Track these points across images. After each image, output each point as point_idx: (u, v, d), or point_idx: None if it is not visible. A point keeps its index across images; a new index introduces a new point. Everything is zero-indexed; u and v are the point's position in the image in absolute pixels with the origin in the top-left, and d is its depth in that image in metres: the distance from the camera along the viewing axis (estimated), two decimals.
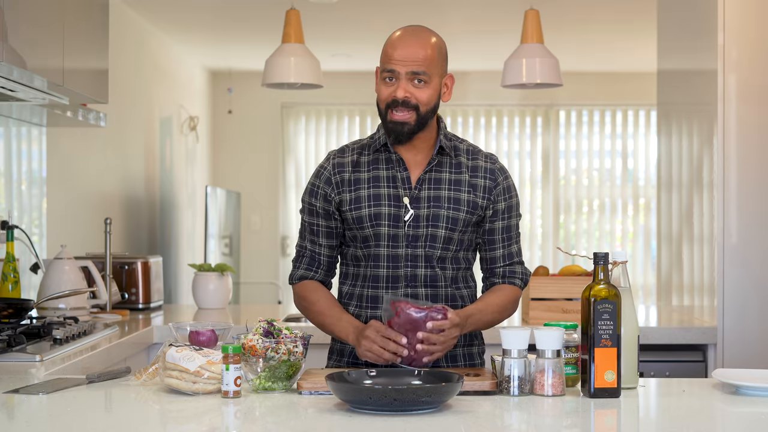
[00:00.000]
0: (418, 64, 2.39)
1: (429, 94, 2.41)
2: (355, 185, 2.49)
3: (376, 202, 2.47)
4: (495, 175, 2.51)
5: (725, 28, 3.59)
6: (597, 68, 7.68)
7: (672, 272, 4.25)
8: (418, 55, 2.39)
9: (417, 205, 2.46)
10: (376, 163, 2.50)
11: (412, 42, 2.41)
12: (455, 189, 2.48)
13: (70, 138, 4.55)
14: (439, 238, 2.46)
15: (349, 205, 2.48)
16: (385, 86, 2.43)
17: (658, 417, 2.15)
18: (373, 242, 2.48)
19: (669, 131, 4.32)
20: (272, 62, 4.57)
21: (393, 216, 2.46)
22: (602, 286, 2.18)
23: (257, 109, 8.05)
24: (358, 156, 2.52)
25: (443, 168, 2.50)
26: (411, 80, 2.40)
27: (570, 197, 8.09)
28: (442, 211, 2.46)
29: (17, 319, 3.08)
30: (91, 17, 3.57)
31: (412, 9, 5.75)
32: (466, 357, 2.56)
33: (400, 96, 2.40)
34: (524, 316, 3.90)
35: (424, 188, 2.47)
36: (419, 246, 2.46)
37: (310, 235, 2.56)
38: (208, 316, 4.04)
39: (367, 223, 2.47)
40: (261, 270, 8.05)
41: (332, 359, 2.60)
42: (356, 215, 2.48)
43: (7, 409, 2.08)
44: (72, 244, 4.18)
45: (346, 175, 2.50)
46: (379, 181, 2.48)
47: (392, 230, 2.46)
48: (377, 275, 2.49)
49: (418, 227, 2.46)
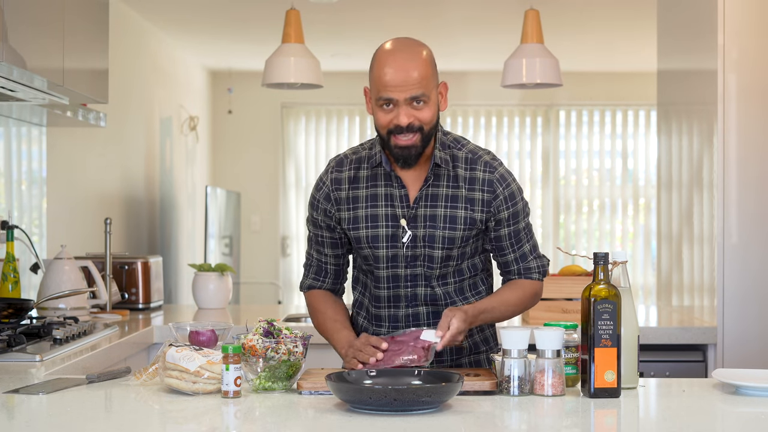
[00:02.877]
0: (416, 88, 2.30)
1: (430, 113, 2.34)
2: (353, 203, 2.46)
3: (373, 223, 2.44)
4: (493, 186, 2.43)
5: (725, 28, 3.59)
6: (597, 68, 7.68)
7: (672, 272, 4.25)
8: (413, 78, 2.29)
9: (414, 224, 2.43)
10: (374, 179, 2.45)
11: (404, 64, 2.30)
12: (451, 206, 2.42)
13: (70, 138, 4.55)
14: (436, 258, 2.44)
15: (348, 224, 2.47)
16: (383, 113, 2.33)
17: (658, 417, 2.15)
18: (373, 263, 2.47)
19: (669, 131, 4.32)
20: (272, 62, 4.57)
21: (391, 237, 2.43)
22: (602, 286, 2.18)
23: (257, 109, 8.05)
24: (356, 171, 2.47)
25: (440, 182, 2.43)
26: (410, 104, 2.32)
27: (570, 197, 8.09)
28: (437, 232, 2.42)
29: (17, 319, 3.08)
30: (91, 17, 3.57)
31: (412, 9, 5.75)
32: (472, 365, 2.56)
33: (404, 123, 2.31)
34: (524, 316, 3.90)
35: (420, 206, 2.43)
36: (418, 265, 2.45)
37: (316, 245, 2.56)
38: (208, 316, 4.04)
39: (365, 244, 2.45)
40: (261, 270, 8.05)
41: None
42: (354, 235, 2.46)
43: (7, 409, 2.08)
44: (72, 244, 4.18)
45: (343, 193, 2.47)
46: (377, 199, 2.45)
47: (390, 251, 2.44)
48: (379, 296, 2.50)
49: (415, 247, 2.43)
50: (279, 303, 7.74)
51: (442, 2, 5.63)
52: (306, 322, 4.10)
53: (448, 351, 2.51)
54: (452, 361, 2.53)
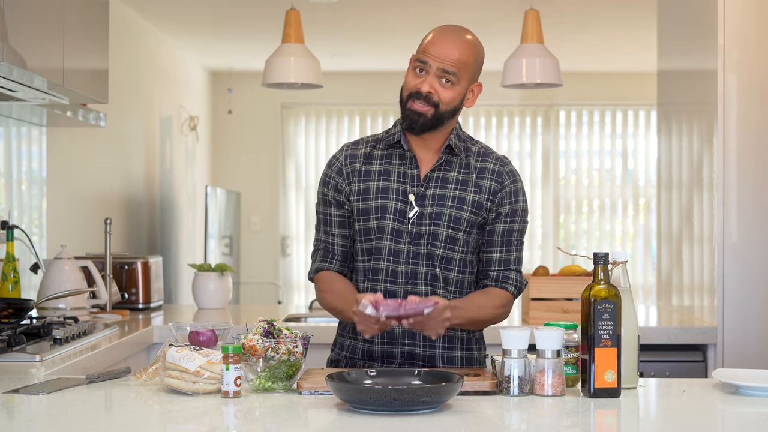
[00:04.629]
0: (451, 64, 2.40)
1: (452, 95, 2.43)
2: (365, 176, 2.50)
3: (383, 195, 2.48)
4: (502, 177, 2.50)
5: (725, 28, 3.59)
6: (597, 68, 7.68)
7: (672, 272, 4.25)
8: (453, 54, 2.40)
9: (422, 202, 2.46)
10: (389, 158, 2.51)
11: (451, 41, 2.42)
12: (461, 189, 2.48)
13: (70, 138, 4.55)
14: (441, 236, 2.46)
15: (357, 196, 2.49)
16: (413, 76, 2.44)
17: (658, 417, 2.15)
18: (376, 235, 2.48)
19: (669, 131, 4.32)
20: (272, 62, 4.57)
21: (399, 210, 2.46)
22: (602, 286, 2.18)
23: (257, 109, 8.05)
24: (371, 149, 2.54)
25: (452, 168, 2.49)
26: (439, 77, 2.41)
27: (570, 197, 8.09)
28: (445, 210, 2.46)
29: (17, 319, 3.08)
30: (91, 17, 3.57)
31: (413, 9, 5.75)
32: (463, 361, 2.55)
33: (424, 90, 2.41)
34: (524, 316, 3.90)
35: (430, 186, 2.47)
36: (421, 243, 2.46)
37: (324, 226, 2.57)
38: (208, 316, 4.04)
39: (373, 215, 2.47)
40: (261, 270, 8.05)
41: (334, 351, 2.61)
42: (363, 206, 2.49)
43: (7, 409, 2.08)
44: (72, 244, 4.18)
45: (357, 165, 2.52)
46: (389, 175, 2.49)
47: (396, 225, 2.46)
48: (377, 268, 2.48)
49: (421, 225, 2.45)
50: (279, 303, 7.74)
51: (442, 2, 5.63)
52: (306, 322, 4.10)
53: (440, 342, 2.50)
54: (444, 355, 2.52)
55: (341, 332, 2.61)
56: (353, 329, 2.54)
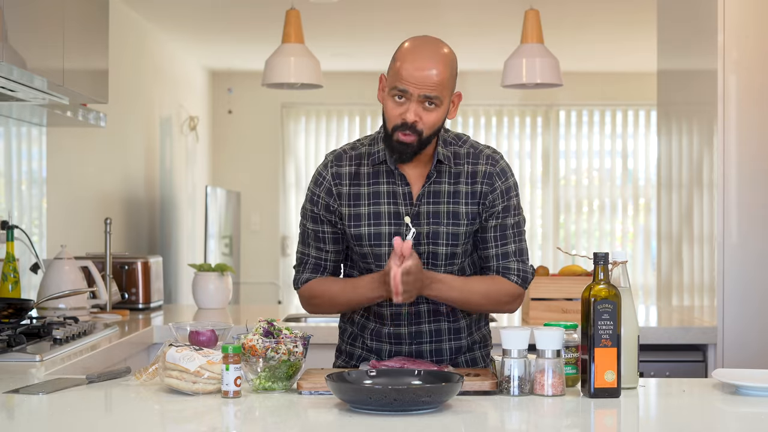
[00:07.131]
0: (432, 89, 2.31)
1: (437, 117, 2.34)
2: (355, 200, 2.44)
3: (376, 221, 2.42)
4: (492, 179, 2.44)
5: (725, 28, 3.59)
6: (597, 68, 7.68)
7: (672, 272, 4.25)
8: (433, 78, 2.30)
9: (417, 221, 2.41)
10: (376, 177, 2.44)
11: (426, 62, 2.31)
12: (454, 202, 2.42)
13: (70, 138, 4.55)
14: (440, 255, 2.43)
15: (349, 221, 2.44)
16: (394, 105, 2.34)
17: (658, 417, 2.15)
18: (375, 261, 2.44)
19: (669, 131, 4.32)
20: (272, 62, 4.57)
21: (393, 235, 2.40)
22: (602, 286, 2.18)
23: (257, 109, 8.05)
24: (356, 167, 2.46)
25: (442, 179, 2.43)
26: (422, 102, 2.33)
27: (570, 197, 8.09)
28: (441, 228, 2.41)
29: (17, 319, 3.08)
30: (91, 17, 3.57)
31: (412, 9, 5.75)
32: (468, 363, 2.55)
33: (410, 120, 2.32)
34: (524, 316, 3.90)
35: (423, 203, 2.42)
36: (421, 262, 2.42)
37: (315, 242, 2.50)
38: (208, 316, 4.04)
39: (366, 242, 2.43)
40: (261, 270, 8.05)
41: (340, 359, 2.60)
42: (356, 232, 2.43)
43: (7, 409, 2.08)
44: (72, 244, 4.18)
45: (344, 188, 2.45)
46: (379, 197, 2.43)
47: (392, 249, 2.39)
48: None
49: (419, 245, 2.42)
50: (279, 303, 7.74)
51: (443, 2, 5.63)
52: (306, 322, 4.10)
53: (447, 350, 2.51)
54: (451, 360, 2.53)
55: (343, 338, 2.61)
56: (353, 337, 2.56)
